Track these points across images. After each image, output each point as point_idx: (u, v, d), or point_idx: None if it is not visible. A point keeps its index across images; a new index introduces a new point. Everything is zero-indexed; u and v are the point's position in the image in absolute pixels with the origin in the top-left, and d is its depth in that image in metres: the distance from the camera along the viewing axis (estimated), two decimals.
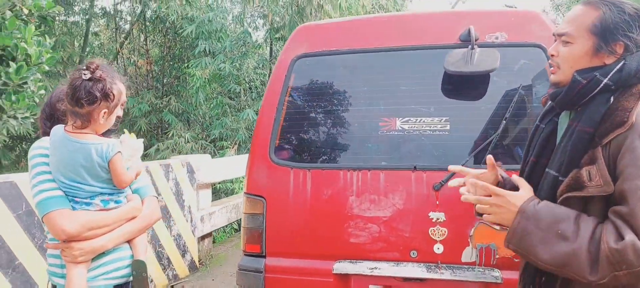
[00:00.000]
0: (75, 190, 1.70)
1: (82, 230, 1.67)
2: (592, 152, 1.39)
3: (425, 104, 2.45)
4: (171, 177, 4.74)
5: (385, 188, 2.39)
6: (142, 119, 10.90)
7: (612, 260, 1.27)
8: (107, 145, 1.71)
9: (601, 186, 1.34)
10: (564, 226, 1.35)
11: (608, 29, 1.41)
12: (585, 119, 1.42)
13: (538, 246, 1.38)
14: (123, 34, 13.61)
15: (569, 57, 1.48)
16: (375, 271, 2.34)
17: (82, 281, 1.69)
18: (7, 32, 4.24)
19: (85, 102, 1.65)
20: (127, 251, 1.83)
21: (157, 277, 4.62)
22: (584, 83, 1.43)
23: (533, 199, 1.46)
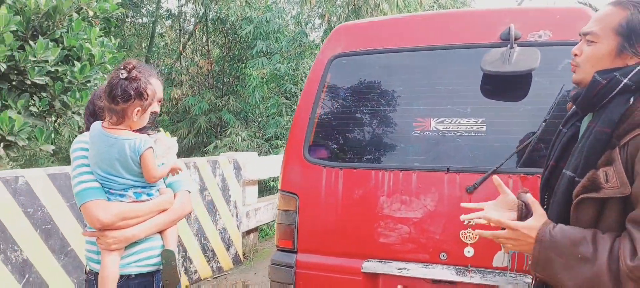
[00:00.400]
0: (110, 182, 1.81)
1: (115, 220, 1.78)
2: (609, 153, 1.35)
3: (461, 104, 2.40)
4: (218, 173, 4.91)
5: (417, 189, 2.37)
6: (202, 117, 11.35)
7: (633, 277, 1.24)
8: (139, 140, 1.81)
9: (618, 188, 1.30)
10: (583, 249, 1.32)
11: (634, 30, 1.37)
12: (604, 119, 1.38)
13: (562, 273, 1.36)
14: (186, 35, 14.21)
15: (591, 57, 1.44)
16: (403, 272, 2.32)
17: (115, 267, 1.80)
18: (73, 33, 4.57)
19: (121, 100, 1.76)
20: (159, 241, 1.93)
21: (202, 268, 4.81)
22: (604, 83, 1.39)
23: (547, 225, 1.42)
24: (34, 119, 4.41)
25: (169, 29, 15.14)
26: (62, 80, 4.49)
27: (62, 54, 4.49)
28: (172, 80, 12.47)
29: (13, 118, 3.90)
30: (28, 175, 3.20)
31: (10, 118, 3.88)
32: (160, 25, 14.58)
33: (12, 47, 3.96)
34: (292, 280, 2.56)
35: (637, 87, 1.36)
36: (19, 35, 4.15)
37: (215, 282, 4.81)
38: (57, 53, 4.28)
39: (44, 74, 4.23)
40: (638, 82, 1.36)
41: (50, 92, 4.50)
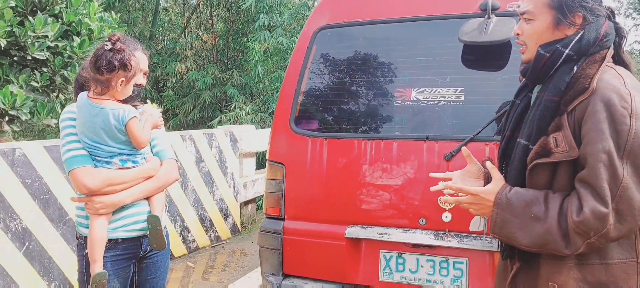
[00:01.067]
0: (97, 150, 1.91)
1: (101, 186, 1.88)
2: (558, 120, 1.43)
3: (441, 74, 2.45)
4: (214, 146, 5.02)
5: (397, 157, 2.44)
6: (206, 92, 11.41)
7: (579, 231, 1.33)
8: (123, 110, 1.89)
9: (566, 151, 1.38)
10: (535, 208, 1.41)
11: (564, 2, 1.45)
12: (551, 88, 1.46)
13: (517, 232, 1.45)
14: (190, 9, 14.17)
15: (532, 34, 1.52)
16: (384, 237, 2.41)
17: (102, 231, 1.90)
18: (72, 9, 4.63)
19: (105, 70, 1.84)
20: (145, 207, 2.02)
21: (199, 238, 4.96)
22: (548, 56, 1.47)
23: (504, 189, 1.51)
24: (35, 94, 4.51)
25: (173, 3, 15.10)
26: (62, 55, 4.57)
27: (62, 29, 4.56)
28: (177, 54, 12.50)
29: (15, 93, 4.00)
30: (25, 147, 3.32)
31: (12, 93, 3.98)
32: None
33: (12, 23, 4.04)
34: (279, 245, 2.66)
35: (578, 56, 1.44)
36: (18, 11, 4.22)
37: (213, 250, 4.97)
38: (56, 28, 4.35)
39: (44, 49, 4.31)
40: (578, 51, 1.44)
41: (50, 67, 4.59)
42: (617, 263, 1.39)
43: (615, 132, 1.31)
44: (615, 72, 1.42)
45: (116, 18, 5.21)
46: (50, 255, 3.47)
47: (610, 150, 1.30)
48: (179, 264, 4.63)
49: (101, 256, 1.89)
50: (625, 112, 1.31)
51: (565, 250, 1.37)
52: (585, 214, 1.31)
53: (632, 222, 1.32)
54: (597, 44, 1.43)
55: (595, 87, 1.38)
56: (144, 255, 2.08)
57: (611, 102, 1.33)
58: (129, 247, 2.00)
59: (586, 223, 1.31)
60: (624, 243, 1.40)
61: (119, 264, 1.98)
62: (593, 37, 1.43)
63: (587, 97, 1.38)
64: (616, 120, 1.31)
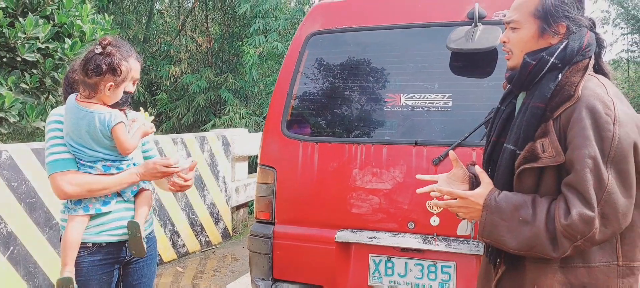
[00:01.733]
0: (81, 153, 1.89)
1: (79, 191, 1.86)
2: (544, 126, 1.47)
3: (430, 80, 2.49)
4: (206, 149, 5.01)
5: (387, 162, 2.46)
6: (201, 95, 11.39)
7: (567, 235, 1.36)
8: (109, 115, 1.88)
9: (553, 156, 1.42)
10: (524, 212, 1.44)
11: (549, 12, 1.50)
12: (537, 95, 1.50)
13: (506, 236, 1.48)
14: (185, 12, 14.16)
15: (518, 42, 1.57)
16: (374, 240, 2.43)
17: (77, 234, 1.88)
18: (64, 10, 4.62)
19: (93, 73, 1.83)
20: (130, 213, 2.01)
21: (190, 242, 4.95)
22: (534, 64, 1.51)
23: (492, 193, 1.54)
24: (25, 96, 4.48)
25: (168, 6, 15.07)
26: (52, 57, 4.55)
27: (53, 31, 4.54)
28: (171, 57, 12.48)
29: (3, 94, 3.97)
30: (12, 149, 3.29)
31: (0, 94, 3.96)
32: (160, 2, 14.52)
33: (1, 24, 4.02)
34: (269, 250, 2.67)
35: (563, 64, 1.49)
36: (8, 11, 4.21)
37: (203, 255, 4.95)
38: (47, 30, 4.33)
39: (35, 51, 4.29)
40: (563, 59, 1.48)
41: (41, 69, 4.57)
42: (599, 267, 1.43)
43: (599, 138, 1.35)
44: (598, 81, 1.46)
45: (109, 20, 5.20)
46: (36, 260, 3.44)
47: (595, 156, 1.34)
48: (168, 269, 4.61)
49: (72, 260, 1.87)
50: (609, 119, 1.36)
51: (552, 253, 1.40)
52: (573, 218, 1.34)
53: (616, 225, 1.36)
54: (581, 53, 1.48)
55: (580, 94, 1.42)
56: (129, 260, 2.06)
57: (596, 109, 1.37)
58: (113, 252, 1.98)
59: (574, 226, 1.34)
60: (606, 247, 1.44)
61: (103, 269, 1.96)
62: (577, 46, 1.48)
63: (573, 105, 1.42)
64: (600, 127, 1.36)
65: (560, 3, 1.49)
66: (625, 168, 1.35)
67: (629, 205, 1.36)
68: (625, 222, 1.37)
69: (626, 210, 1.36)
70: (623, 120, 1.37)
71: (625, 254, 1.44)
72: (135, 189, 2.02)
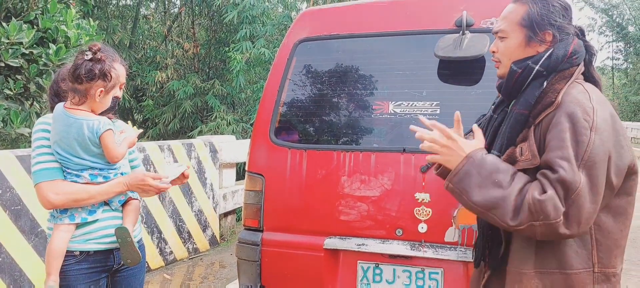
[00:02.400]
0: (68, 161, 1.87)
1: (65, 200, 1.85)
2: (525, 132, 1.52)
3: (418, 88, 2.50)
4: (193, 156, 4.98)
5: (375, 169, 2.47)
6: (187, 101, 11.31)
7: (533, 209, 1.38)
8: (98, 122, 1.86)
9: (529, 160, 1.47)
10: (501, 176, 1.47)
11: (535, 20, 1.54)
12: (522, 102, 1.55)
13: (474, 188, 1.48)
14: (171, 17, 14.09)
15: (506, 51, 1.61)
16: (362, 247, 2.43)
17: (62, 243, 1.86)
18: (48, 15, 4.56)
19: (85, 78, 1.82)
20: (119, 220, 1.99)
21: (177, 249, 4.90)
22: (520, 72, 1.55)
23: (483, 150, 1.56)
24: (8, 102, 4.41)
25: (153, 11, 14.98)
26: (37, 63, 4.48)
27: (37, 36, 4.48)
28: (157, 63, 12.38)
29: None
30: None
31: None
32: (145, 7, 14.43)
33: None
34: (257, 257, 2.65)
35: (548, 72, 1.52)
36: None
37: (191, 262, 4.91)
38: (31, 35, 4.27)
39: (19, 56, 4.23)
40: (548, 67, 1.52)
41: (25, 75, 4.50)
42: (575, 273, 1.47)
43: (575, 142, 1.38)
44: (583, 88, 1.49)
45: (94, 25, 5.14)
46: (21, 268, 3.38)
47: (569, 157, 1.37)
48: (156, 277, 4.56)
49: (57, 270, 1.84)
50: (587, 124, 1.39)
51: (510, 221, 1.41)
52: (547, 195, 1.36)
53: (575, 228, 1.37)
54: (566, 61, 1.51)
55: (560, 101, 1.46)
56: (118, 268, 2.04)
57: (574, 114, 1.41)
58: (100, 260, 1.96)
59: (543, 205, 1.35)
60: (582, 254, 1.47)
61: (90, 277, 1.93)
62: (561, 54, 1.51)
63: (553, 110, 1.46)
64: (577, 132, 1.39)
65: (547, 11, 1.53)
66: (596, 175, 1.37)
67: (592, 212, 1.38)
68: (585, 226, 1.39)
69: (589, 217, 1.38)
70: (601, 127, 1.39)
71: (601, 261, 1.48)
72: (122, 199, 2.00)
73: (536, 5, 1.54)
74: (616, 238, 1.50)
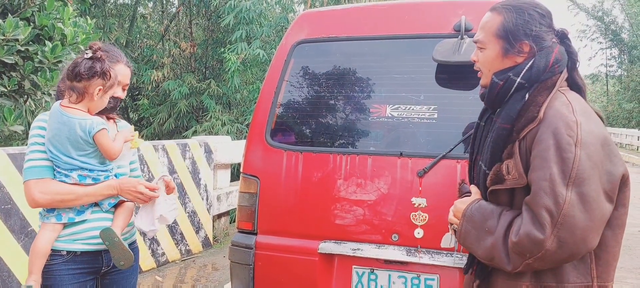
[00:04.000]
0: (58, 160, 1.85)
1: (50, 201, 1.83)
2: (510, 147, 1.48)
3: (415, 92, 2.49)
4: (188, 156, 4.95)
5: (371, 172, 2.45)
6: (182, 101, 11.28)
7: (516, 251, 1.37)
8: (91, 121, 1.84)
9: (516, 179, 1.44)
10: (490, 223, 1.46)
11: (510, 31, 1.50)
12: (504, 115, 1.51)
13: (475, 243, 1.51)
14: (169, 17, 14.06)
15: (485, 61, 1.59)
16: (357, 252, 2.41)
17: (46, 243, 1.84)
18: (45, 13, 4.52)
19: (84, 76, 1.81)
20: (108, 222, 1.95)
21: (169, 251, 4.86)
22: (501, 84, 1.52)
23: (474, 202, 1.56)
24: (2, 99, 4.37)
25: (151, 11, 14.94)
26: (32, 60, 4.44)
27: (33, 33, 4.44)
28: (154, 62, 12.34)
29: None
30: None
31: None
32: (143, 6, 14.38)
33: None
34: (251, 261, 2.62)
35: (530, 84, 1.48)
36: None
37: (183, 264, 4.87)
38: (27, 32, 4.22)
39: (14, 53, 4.18)
40: (529, 79, 1.48)
41: (20, 72, 4.46)
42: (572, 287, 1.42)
43: (561, 160, 1.33)
44: (565, 99, 1.44)
45: (91, 24, 5.10)
46: (9, 268, 3.33)
47: (552, 178, 1.32)
48: (147, 279, 4.51)
49: (39, 269, 1.82)
50: (571, 140, 1.34)
51: (506, 266, 1.41)
52: (521, 237, 1.35)
53: (573, 248, 1.32)
54: (548, 71, 1.47)
55: (542, 116, 1.41)
56: (107, 270, 2.01)
57: (558, 130, 1.36)
58: (89, 261, 1.93)
59: (521, 245, 1.35)
60: (580, 267, 1.42)
61: (77, 278, 1.90)
62: (543, 64, 1.47)
63: (537, 126, 1.42)
64: (562, 148, 1.34)
65: (522, 21, 1.49)
66: (586, 191, 1.31)
67: (589, 229, 1.32)
68: (585, 247, 1.33)
69: (585, 235, 1.32)
70: (587, 141, 1.34)
71: (600, 275, 1.43)
72: (113, 201, 1.97)
73: (511, 14, 1.50)
74: (614, 252, 1.46)
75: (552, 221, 1.31)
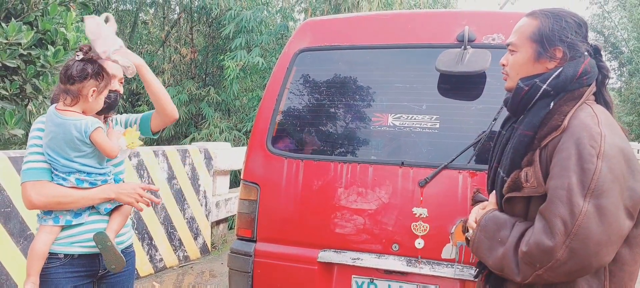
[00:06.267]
0: (56, 163, 1.85)
1: (47, 202, 1.82)
2: (531, 155, 1.46)
3: (417, 101, 2.48)
4: (188, 162, 4.93)
5: (372, 182, 2.44)
6: (182, 108, 11.27)
7: (526, 261, 1.36)
8: (85, 122, 1.84)
9: (535, 187, 1.42)
10: (503, 233, 1.45)
11: (545, 35, 1.50)
12: (526, 122, 1.50)
13: (486, 253, 1.50)
14: (170, 23, 14.09)
15: (515, 65, 1.57)
16: (357, 262, 2.40)
17: (44, 245, 1.84)
18: (48, 17, 4.53)
19: (77, 78, 1.81)
20: (106, 225, 1.95)
21: (167, 257, 4.83)
22: (526, 89, 1.51)
23: (489, 212, 1.56)
24: (4, 102, 4.36)
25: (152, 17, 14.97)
26: (34, 64, 4.44)
27: (36, 38, 4.44)
28: (154, 68, 12.34)
29: None
30: None
31: None
32: (144, 12, 14.41)
33: None
34: (250, 268, 2.61)
35: (555, 92, 1.47)
36: None
37: (180, 270, 4.84)
38: (30, 36, 4.23)
39: (16, 57, 4.19)
40: (555, 87, 1.46)
41: (22, 76, 4.46)
42: None
43: (581, 170, 1.31)
44: (592, 111, 1.42)
45: None
46: (8, 271, 3.31)
47: (570, 187, 1.31)
48: (144, 284, 4.48)
49: (37, 272, 1.82)
50: (593, 151, 1.32)
51: (516, 277, 1.40)
52: (530, 245, 1.34)
53: (585, 260, 1.29)
54: (576, 81, 1.45)
55: (566, 125, 1.40)
56: (104, 274, 2.00)
57: (581, 140, 1.34)
58: (86, 264, 1.93)
59: (530, 254, 1.34)
60: (594, 284, 1.40)
61: (74, 282, 1.90)
62: (571, 73, 1.45)
63: (560, 134, 1.40)
64: (583, 159, 1.32)
65: (559, 27, 1.48)
66: (605, 204, 1.29)
67: (604, 243, 1.29)
68: (597, 260, 1.30)
69: (599, 248, 1.29)
70: (609, 154, 1.32)
71: None
72: (110, 206, 1.96)
73: (548, 19, 1.51)
74: (631, 271, 1.42)
75: (566, 231, 1.29)
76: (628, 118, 30.30)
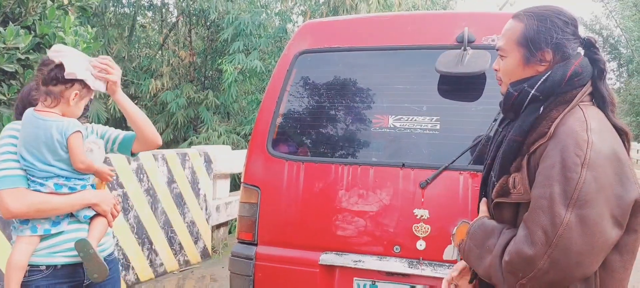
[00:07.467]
0: (33, 168, 1.78)
1: (26, 210, 1.74)
2: (519, 160, 1.45)
3: (418, 102, 2.48)
4: (187, 166, 4.93)
5: (373, 183, 2.43)
6: (180, 112, 11.26)
7: (509, 270, 1.35)
8: (68, 122, 1.79)
9: (521, 194, 1.41)
10: (490, 241, 1.44)
11: (531, 39, 1.45)
12: (516, 128, 1.47)
13: (476, 261, 1.49)
14: (168, 26, 14.09)
15: (505, 70, 1.54)
16: (359, 264, 2.39)
17: (22, 256, 1.77)
18: (46, 21, 4.51)
19: (61, 79, 1.76)
20: (86, 233, 1.88)
21: (168, 261, 4.82)
22: (516, 95, 1.48)
23: (479, 220, 1.55)
24: (1, 107, 4.35)
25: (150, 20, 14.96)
26: (32, 69, 4.43)
27: (34, 42, 4.43)
28: (152, 71, 12.31)
29: None
30: None
31: None
32: (142, 15, 14.40)
33: None
34: (251, 272, 2.60)
35: (545, 96, 1.42)
36: None
37: (181, 275, 4.82)
38: (28, 40, 4.22)
39: (14, 62, 4.18)
40: (544, 91, 1.42)
41: (19, 80, 4.44)
42: None
43: (565, 179, 1.28)
44: (582, 116, 1.37)
45: (92, 33, 5.09)
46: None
47: (552, 197, 1.28)
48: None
49: (17, 285, 1.75)
50: (578, 160, 1.28)
51: (502, 286, 1.39)
52: (512, 254, 1.33)
53: (567, 270, 1.28)
54: (566, 84, 1.40)
55: (552, 132, 1.36)
56: (88, 284, 1.94)
57: (566, 149, 1.30)
58: (69, 274, 1.86)
59: (512, 263, 1.33)
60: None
61: None
62: (559, 77, 1.40)
63: (546, 141, 1.37)
64: (567, 168, 1.28)
65: (545, 29, 1.43)
66: (589, 214, 1.26)
67: (586, 253, 1.26)
68: (580, 271, 1.28)
69: (581, 259, 1.26)
70: (595, 162, 1.27)
71: None
72: (89, 214, 1.90)
73: (533, 21, 1.45)
74: (621, 278, 1.39)
75: (547, 240, 1.26)
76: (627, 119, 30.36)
